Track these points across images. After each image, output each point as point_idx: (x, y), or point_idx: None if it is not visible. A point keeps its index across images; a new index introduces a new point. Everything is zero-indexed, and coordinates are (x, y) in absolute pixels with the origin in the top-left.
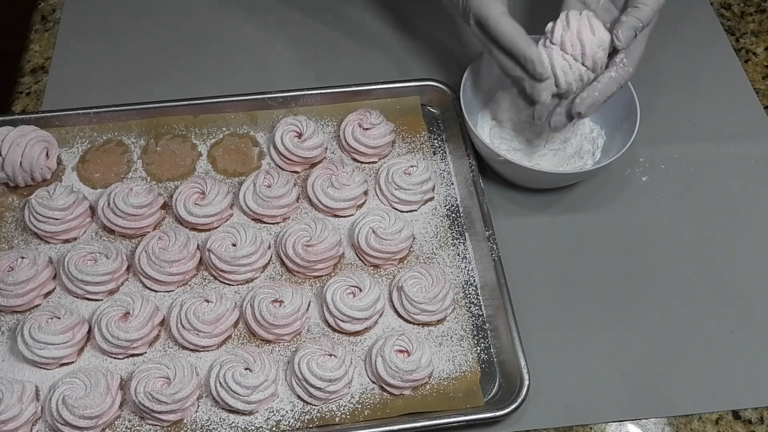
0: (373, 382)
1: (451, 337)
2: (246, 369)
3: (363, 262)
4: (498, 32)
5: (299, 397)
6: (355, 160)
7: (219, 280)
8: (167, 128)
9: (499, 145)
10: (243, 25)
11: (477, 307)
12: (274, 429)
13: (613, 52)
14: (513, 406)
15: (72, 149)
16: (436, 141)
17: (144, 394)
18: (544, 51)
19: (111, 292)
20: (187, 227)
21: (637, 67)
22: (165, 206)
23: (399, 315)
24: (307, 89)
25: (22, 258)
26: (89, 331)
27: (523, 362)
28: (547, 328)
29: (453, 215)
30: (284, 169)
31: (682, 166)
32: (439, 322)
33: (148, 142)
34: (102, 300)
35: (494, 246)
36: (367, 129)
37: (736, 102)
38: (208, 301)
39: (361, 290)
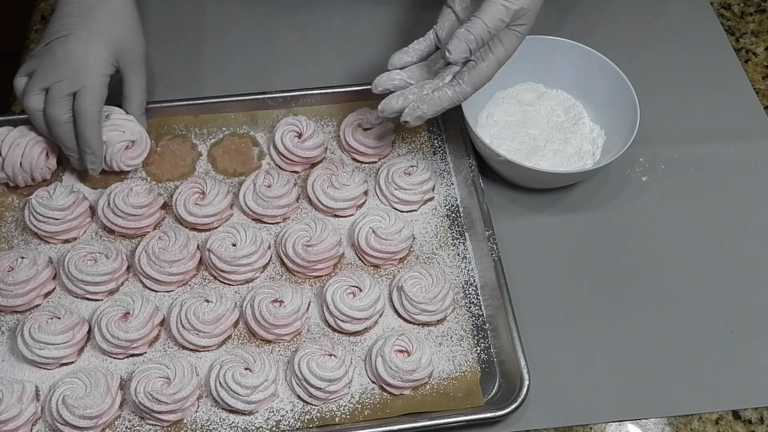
0: (373, 382)
1: (451, 337)
2: (246, 369)
3: (363, 262)
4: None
5: (299, 397)
6: (355, 160)
7: (219, 280)
8: (167, 128)
9: (499, 145)
10: (243, 25)
11: (477, 307)
12: (274, 429)
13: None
14: (513, 406)
15: None
16: (436, 141)
17: (144, 394)
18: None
19: (111, 292)
20: (187, 227)
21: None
22: (165, 206)
23: (399, 315)
24: (307, 89)
25: (22, 258)
26: (89, 331)
27: (523, 362)
28: (547, 328)
29: (453, 215)
30: (284, 169)
31: (682, 166)
32: (439, 322)
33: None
34: (102, 300)
35: (494, 246)
36: (367, 129)
37: (736, 102)
38: (208, 301)
39: (361, 290)
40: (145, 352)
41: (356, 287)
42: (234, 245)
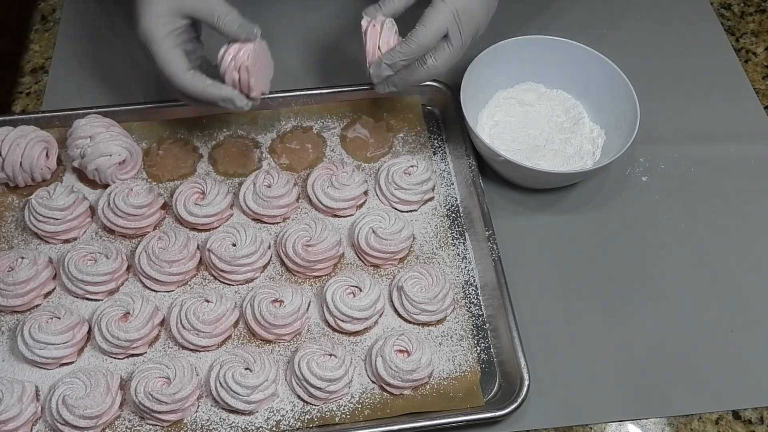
0: (373, 382)
1: (451, 337)
2: (246, 369)
3: (363, 262)
4: (186, 90)
5: (299, 397)
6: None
7: (219, 280)
8: (170, 132)
9: (499, 145)
10: None
11: (477, 307)
12: (274, 429)
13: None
14: (513, 406)
15: None
16: (436, 141)
17: (144, 394)
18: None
19: (111, 292)
20: (187, 227)
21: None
22: (165, 206)
23: (399, 315)
24: (307, 89)
25: (22, 258)
26: (89, 331)
27: (523, 362)
28: (547, 328)
29: (453, 215)
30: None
31: (682, 166)
32: (439, 322)
33: (150, 146)
34: (102, 300)
35: (494, 246)
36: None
37: (736, 102)
38: (208, 301)
39: (361, 290)
40: (145, 352)
41: (356, 287)
42: (234, 245)
